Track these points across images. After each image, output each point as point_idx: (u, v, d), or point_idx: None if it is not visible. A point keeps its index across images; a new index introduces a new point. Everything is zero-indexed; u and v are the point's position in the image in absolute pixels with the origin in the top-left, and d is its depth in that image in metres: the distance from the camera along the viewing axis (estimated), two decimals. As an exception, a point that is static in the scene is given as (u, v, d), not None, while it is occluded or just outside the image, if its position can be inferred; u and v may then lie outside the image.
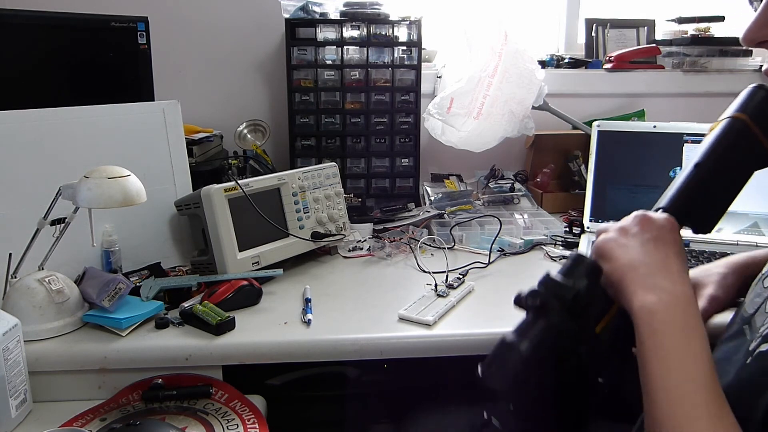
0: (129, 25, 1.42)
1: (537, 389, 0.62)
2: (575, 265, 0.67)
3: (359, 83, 1.67)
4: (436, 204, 1.63)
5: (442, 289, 1.14)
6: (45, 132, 1.16)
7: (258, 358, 0.99)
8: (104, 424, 0.91)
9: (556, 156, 1.82)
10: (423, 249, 1.41)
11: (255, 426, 0.91)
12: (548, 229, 1.48)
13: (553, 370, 0.62)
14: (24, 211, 1.07)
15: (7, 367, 0.87)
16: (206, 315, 1.01)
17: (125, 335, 1.00)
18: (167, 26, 1.67)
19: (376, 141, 1.70)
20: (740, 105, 0.73)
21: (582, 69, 1.93)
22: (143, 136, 1.29)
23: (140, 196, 1.01)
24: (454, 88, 1.59)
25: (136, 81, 1.45)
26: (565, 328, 0.63)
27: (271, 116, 1.86)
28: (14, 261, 1.03)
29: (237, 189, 1.21)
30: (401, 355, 1.02)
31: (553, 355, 0.63)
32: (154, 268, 1.23)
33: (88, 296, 1.05)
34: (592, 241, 1.39)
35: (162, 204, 1.29)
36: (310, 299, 1.12)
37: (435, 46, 1.89)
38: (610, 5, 2.09)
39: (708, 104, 1.93)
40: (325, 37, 1.65)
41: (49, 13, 1.38)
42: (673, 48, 1.95)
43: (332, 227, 1.39)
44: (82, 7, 1.43)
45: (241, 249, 1.21)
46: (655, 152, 1.45)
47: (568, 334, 0.63)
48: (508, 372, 0.62)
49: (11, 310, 0.96)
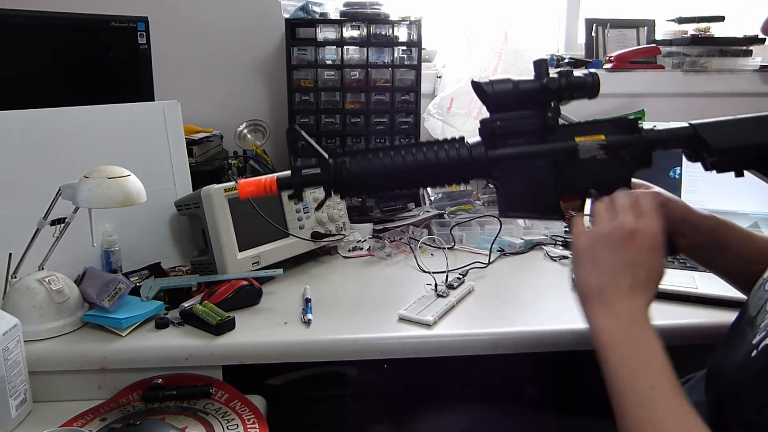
0: (129, 25, 1.42)
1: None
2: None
3: (359, 83, 1.67)
4: (436, 204, 1.63)
5: (442, 289, 1.14)
6: (45, 132, 1.16)
7: (258, 358, 0.99)
8: (104, 424, 0.91)
9: (556, 156, 1.82)
10: (423, 249, 1.41)
11: (255, 426, 0.91)
12: (548, 229, 1.48)
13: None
14: (24, 211, 1.07)
15: (7, 367, 0.87)
16: (206, 315, 1.01)
17: (125, 335, 1.00)
18: (167, 26, 1.66)
19: (376, 141, 1.70)
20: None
21: (582, 69, 1.92)
22: (143, 136, 1.29)
23: (140, 196, 1.01)
24: (454, 88, 1.59)
25: (136, 81, 1.45)
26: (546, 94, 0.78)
27: (271, 116, 1.86)
28: (14, 261, 1.03)
29: (237, 189, 1.21)
30: (401, 355, 1.02)
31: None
32: (154, 268, 1.23)
33: (88, 296, 1.05)
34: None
35: (162, 204, 1.29)
36: (310, 299, 1.12)
37: (435, 46, 1.89)
38: (610, 5, 2.08)
39: (708, 104, 1.93)
40: (325, 37, 1.65)
41: (49, 13, 1.38)
42: (673, 48, 1.95)
43: (332, 227, 1.39)
44: (82, 7, 1.43)
45: (241, 249, 1.21)
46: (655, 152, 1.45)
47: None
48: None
49: (11, 310, 0.96)
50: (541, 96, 0.77)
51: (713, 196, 1.39)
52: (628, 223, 0.69)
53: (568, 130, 0.79)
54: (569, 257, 1.35)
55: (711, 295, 1.07)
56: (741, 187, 1.36)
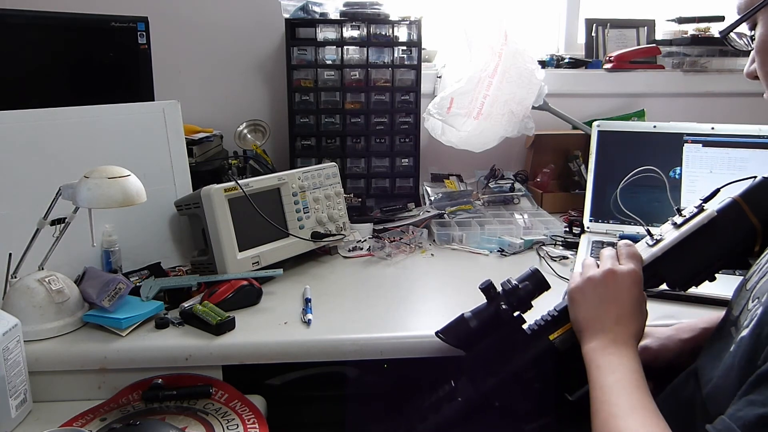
0: (129, 25, 1.42)
1: (484, 353, 0.87)
2: (530, 275, 0.90)
3: (359, 83, 1.67)
4: (436, 204, 1.63)
5: None
6: (45, 132, 1.16)
7: (258, 358, 0.99)
8: (104, 424, 0.91)
9: (556, 156, 1.82)
10: (423, 249, 1.41)
11: (255, 426, 0.91)
12: (548, 229, 1.48)
13: (496, 342, 0.87)
14: (24, 211, 1.07)
15: (7, 367, 0.87)
16: (206, 315, 1.01)
17: (125, 335, 1.00)
18: (167, 26, 1.66)
19: (376, 141, 1.70)
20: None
21: (582, 69, 1.93)
22: (143, 136, 1.29)
23: (140, 196, 1.01)
24: (454, 88, 1.59)
25: (136, 81, 1.45)
26: (506, 316, 0.86)
27: (271, 116, 1.86)
28: (14, 261, 1.03)
29: (237, 189, 1.21)
30: (401, 355, 1.02)
31: (495, 333, 0.87)
32: (154, 268, 1.23)
33: (88, 296, 1.05)
34: (592, 241, 1.39)
35: (162, 204, 1.29)
36: (310, 299, 1.12)
37: (435, 46, 1.89)
38: (610, 5, 2.09)
39: (708, 104, 1.93)
40: (325, 37, 1.65)
41: (49, 13, 1.38)
42: (673, 48, 1.95)
43: (332, 227, 1.39)
44: (82, 7, 1.43)
45: (241, 249, 1.21)
46: (655, 152, 1.45)
47: (507, 320, 0.86)
48: (457, 336, 0.88)
49: (11, 310, 0.96)
50: (501, 319, 0.87)
51: (713, 196, 1.39)
52: (610, 267, 0.82)
53: (540, 332, 0.87)
54: (569, 257, 1.35)
55: (704, 295, 1.09)
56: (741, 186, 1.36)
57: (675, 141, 1.43)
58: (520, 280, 0.89)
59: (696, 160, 1.41)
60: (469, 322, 0.87)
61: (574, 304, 0.84)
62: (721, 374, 0.69)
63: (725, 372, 0.68)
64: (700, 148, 1.42)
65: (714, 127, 1.41)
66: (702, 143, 1.42)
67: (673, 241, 0.85)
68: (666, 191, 1.17)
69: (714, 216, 0.83)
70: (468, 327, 0.87)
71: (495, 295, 0.88)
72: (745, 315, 0.71)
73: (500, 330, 0.87)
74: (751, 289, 0.74)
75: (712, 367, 0.73)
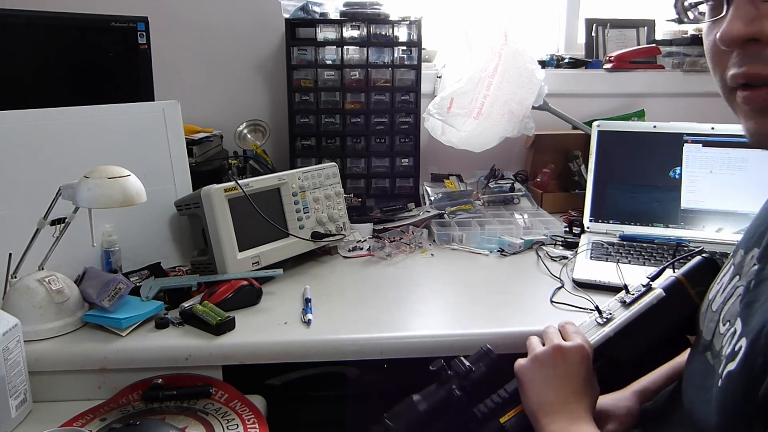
0: (129, 25, 1.42)
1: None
2: (481, 356, 0.88)
3: (359, 83, 1.67)
4: (436, 204, 1.63)
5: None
6: (45, 132, 1.16)
7: (258, 358, 0.99)
8: (104, 424, 0.91)
9: (556, 156, 1.82)
10: (423, 249, 1.41)
11: (255, 426, 0.91)
12: (548, 229, 1.47)
13: (445, 427, 0.84)
14: (24, 211, 1.07)
15: (7, 367, 0.87)
16: (206, 315, 1.01)
17: (125, 335, 1.00)
18: (167, 26, 1.66)
19: (376, 141, 1.70)
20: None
21: (582, 69, 1.93)
22: (143, 136, 1.29)
23: (140, 196, 1.01)
24: (454, 88, 1.59)
25: (136, 81, 1.45)
26: (456, 399, 0.83)
27: (271, 116, 1.86)
28: (14, 261, 1.03)
29: (237, 189, 1.21)
30: (401, 355, 1.02)
31: (445, 416, 0.83)
32: (154, 268, 1.23)
33: (88, 296, 1.05)
34: (592, 241, 1.39)
35: (162, 204, 1.29)
36: (310, 299, 1.12)
37: (435, 46, 1.89)
38: (610, 5, 2.09)
39: (708, 104, 1.91)
40: (325, 37, 1.65)
41: (49, 13, 1.38)
42: (673, 48, 1.95)
43: (332, 227, 1.39)
44: (82, 7, 1.43)
45: (241, 249, 1.21)
46: (655, 152, 1.45)
47: (458, 404, 0.83)
48: (406, 423, 0.83)
49: (11, 310, 0.96)
50: (451, 401, 0.84)
51: (713, 196, 1.39)
52: (557, 343, 0.82)
53: (491, 415, 0.85)
54: (569, 257, 1.35)
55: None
56: (741, 187, 1.37)
57: (675, 141, 1.43)
58: (474, 361, 0.87)
59: (696, 160, 1.41)
60: (418, 405, 0.83)
61: (523, 386, 0.82)
62: (715, 411, 0.65)
63: (720, 409, 0.64)
64: (700, 148, 1.42)
65: (714, 127, 1.41)
66: (702, 143, 1.42)
67: (624, 321, 0.85)
68: (666, 191, 1.17)
69: (662, 296, 0.84)
70: (417, 410, 0.83)
71: (447, 377, 0.84)
72: (719, 340, 0.68)
73: (450, 413, 0.84)
74: (718, 310, 0.72)
75: (695, 397, 0.70)
